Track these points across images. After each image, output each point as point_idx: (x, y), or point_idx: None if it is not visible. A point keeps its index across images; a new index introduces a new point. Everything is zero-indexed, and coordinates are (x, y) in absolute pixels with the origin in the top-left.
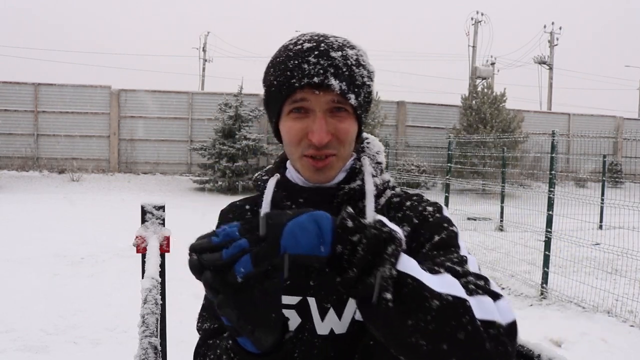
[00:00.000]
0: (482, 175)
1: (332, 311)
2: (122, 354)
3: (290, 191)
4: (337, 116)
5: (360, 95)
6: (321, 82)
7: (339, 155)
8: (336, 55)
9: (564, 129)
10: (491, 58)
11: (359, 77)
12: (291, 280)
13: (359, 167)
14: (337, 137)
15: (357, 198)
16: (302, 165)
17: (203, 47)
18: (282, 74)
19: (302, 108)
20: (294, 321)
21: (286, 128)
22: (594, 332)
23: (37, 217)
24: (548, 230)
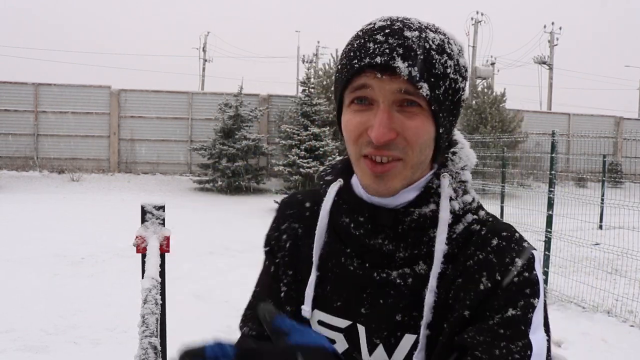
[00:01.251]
0: (482, 175)
1: (382, 348)
2: (122, 354)
3: (351, 205)
4: (407, 111)
5: (438, 87)
6: (385, 64)
7: (405, 160)
8: (411, 34)
9: (564, 128)
10: (491, 58)
11: (439, 64)
12: (342, 300)
13: (436, 187)
14: (404, 136)
15: (427, 226)
16: (360, 168)
17: (203, 47)
18: (345, 56)
19: (365, 98)
20: (340, 345)
21: (345, 122)
22: (594, 332)
23: (37, 217)
24: (548, 230)
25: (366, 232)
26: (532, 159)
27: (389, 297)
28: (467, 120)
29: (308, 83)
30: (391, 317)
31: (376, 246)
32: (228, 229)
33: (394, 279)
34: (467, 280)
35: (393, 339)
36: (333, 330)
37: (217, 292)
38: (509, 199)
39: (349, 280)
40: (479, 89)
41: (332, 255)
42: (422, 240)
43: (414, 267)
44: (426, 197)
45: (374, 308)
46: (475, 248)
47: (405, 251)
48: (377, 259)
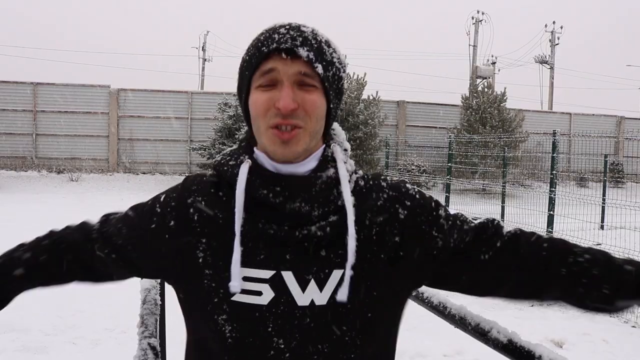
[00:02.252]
0: (482, 175)
1: (313, 282)
2: (121, 355)
3: (265, 179)
4: (305, 89)
5: (328, 70)
6: (289, 49)
7: (305, 128)
8: (306, 29)
9: (565, 128)
10: (492, 57)
11: (328, 53)
12: (264, 254)
13: (331, 154)
14: (304, 108)
15: (332, 185)
16: (268, 138)
17: (202, 47)
18: (253, 46)
19: (270, 82)
20: (266, 295)
21: (253, 100)
22: (596, 333)
23: (36, 217)
24: (549, 231)
25: (285, 198)
26: (533, 159)
27: (312, 242)
28: (468, 120)
29: None
30: (317, 253)
31: (295, 209)
32: None
33: (314, 232)
34: (388, 217)
35: (322, 274)
36: (258, 282)
37: None
38: (510, 199)
39: (270, 240)
40: (480, 88)
41: (249, 226)
42: (330, 199)
43: (328, 219)
44: (325, 163)
45: (298, 253)
46: (375, 194)
47: (319, 209)
48: (297, 220)
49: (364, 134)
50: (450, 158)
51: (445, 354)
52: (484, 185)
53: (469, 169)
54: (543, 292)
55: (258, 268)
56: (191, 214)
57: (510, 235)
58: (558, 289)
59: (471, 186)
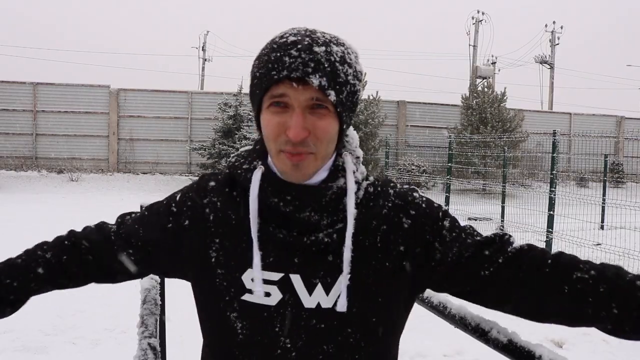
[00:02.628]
0: (482, 175)
1: (320, 286)
2: (121, 355)
3: (277, 187)
4: (317, 113)
5: (342, 92)
6: (300, 77)
7: (316, 154)
8: (319, 50)
9: (565, 128)
10: (492, 57)
11: (342, 74)
12: (273, 257)
13: (342, 164)
14: (315, 134)
15: (342, 195)
16: (280, 160)
17: (202, 47)
18: (264, 66)
19: (281, 102)
20: (275, 297)
21: (265, 121)
22: (595, 333)
23: (36, 217)
24: (549, 231)
25: (295, 207)
26: (533, 159)
27: (319, 248)
28: (468, 120)
29: None
30: (324, 258)
31: (305, 219)
32: None
33: (321, 238)
34: (392, 226)
35: (329, 278)
36: (267, 284)
37: None
38: (510, 199)
39: (280, 244)
40: (480, 88)
41: (261, 231)
42: (339, 208)
43: (335, 226)
44: (336, 173)
45: (307, 257)
46: (382, 202)
47: (327, 219)
48: (306, 228)
49: (364, 134)
50: (450, 158)
51: (445, 354)
52: (484, 185)
53: (469, 169)
54: (546, 311)
55: (267, 270)
56: (207, 213)
57: (515, 251)
58: (561, 308)
59: (471, 186)
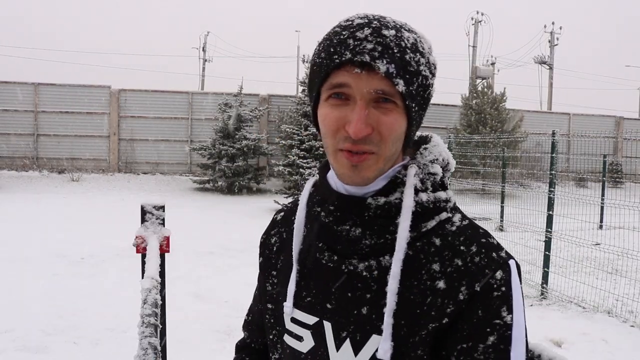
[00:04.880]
0: (482, 175)
1: (349, 343)
2: (122, 354)
3: (324, 196)
4: (382, 107)
5: (412, 83)
6: (365, 62)
7: (379, 153)
8: (388, 33)
9: (564, 128)
10: (491, 58)
11: (414, 62)
12: (311, 296)
13: (403, 177)
14: (378, 131)
15: (393, 214)
16: (337, 160)
17: (203, 47)
18: (324, 50)
19: (342, 94)
20: (307, 343)
21: (322, 116)
22: (595, 333)
23: (37, 217)
24: (548, 230)
25: (335, 219)
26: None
27: (356, 289)
28: (467, 120)
29: None
30: (358, 309)
31: (343, 232)
32: (228, 229)
33: (360, 270)
34: (447, 285)
35: (359, 335)
36: (303, 327)
37: (217, 292)
38: (509, 199)
39: (320, 273)
40: (479, 88)
41: (308, 248)
42: (387, 229)
43: (380, 258)
44: (393, 186)
45: (340, 302)
46: (452, 253)
47: (371, 238)
48: (345, 246)
49: None
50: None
51: None
52: (484, 185)
53: (469, 169)
54: None
55: (304, 312)
56: (272, 245)
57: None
58: None
59: (470, 186)
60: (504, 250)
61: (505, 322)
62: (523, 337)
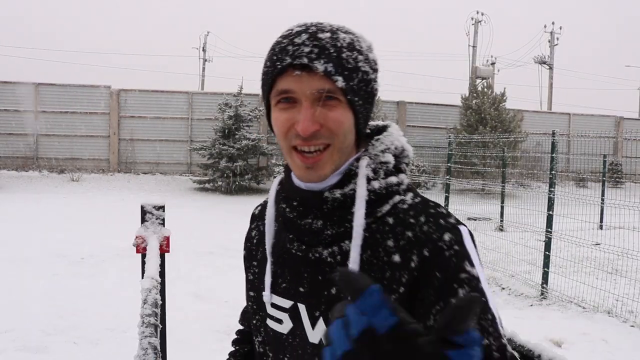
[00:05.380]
0: (482, 175)
1: (322, 321)
2: (122, 354)
3: (287, 192)
4: (328, 105)
5: (352, 79)
6: (304, 64)
7: (333, 145)
8: (324, 36)
9: (564, 128)
10: (491, 58)
11: (352, 60)
12: (286, 282)
13: (355, 169)
14: (327, 127)
15: (349, 204)
16: (293, 161)
17: (203, 47)
18: (269, 59)
19: (289, 98)
20: (286, 325)
21: (274, 120)
22: (595, 333)
23: (37, 217)
24: (548, 230)
25: (298, 214)
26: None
27: (324, 273)
28: (467, 120)
29: None
30: (327, 291)
31: (306, 226)
32: (228, 229)
33: (325, 257)
34: (401, 258)
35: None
36: (281, 311)
37: (217, 292)
38: (509, 199)
39: (292, 261)
40: (479, 88)
41: (280, 241)
42: (345, 218)
43: (341, 244)
44: (347, 178)
45: (311, 285)
46: (401, 226)
47: (332, 228)
48: (310, 237)
49: None
50: (449, 158)
51: None
52: (484, 185)
53: (469, 169)
54: None
55: (281, 296)
56: (252, 237)
57: None
58: None
59: (470, 186)
60: (454, 217)
61: (473, 275)
62: (490, 297)
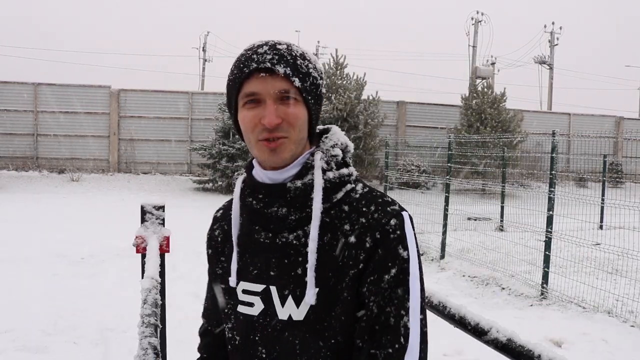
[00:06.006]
0: (482, 175)
1: (291, 299)
2: (122, 354)
3: (252, 188)
4: (286, 103)
5: (305, 81)
6: (268, 67)
7: (290, 137)
8: (281, 47)
9: (565, 128)
10: (491, 58)
11: (304, 66)
12: (257, 268)
13: (311, 162)
14: (287, 121)
15: (308, 192)
16: (258, 149)
17: (203, 47)
18: (235, 68)
19: (255, 99)
20: (257, 307)
21: (242, 118)
22: (595, 333)
23: (37, 217)
24: (548, 230)
25: (265, 204)
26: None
27: (290, 256)
28: (467, 120)
29: None
30: (294, 271)
31: (272, 214)
32: None
33: (291, 241)
34: (357, 239)
35: (298, 290)
36: (253, 295)
37: None
38: (509, 199)
39: (261, 249)
40: (479, 88)
41: (246, 233)
42: (306, 205)
43: (305, 228)
44: (305, 170)
45: (280, 268)
46: (353, 212)
47: (295, 214)
48: (276, 224)
49: (364, 134)
50: (449, 158)
51: (445, 354)
52: (484, 185)
53: (469, 169)
54: None
55: (252, 282)
56: (217, 236)
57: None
58: None
59: (470, 186)
60: (398, 204)
61: (403, 257)
62: (417, 272)
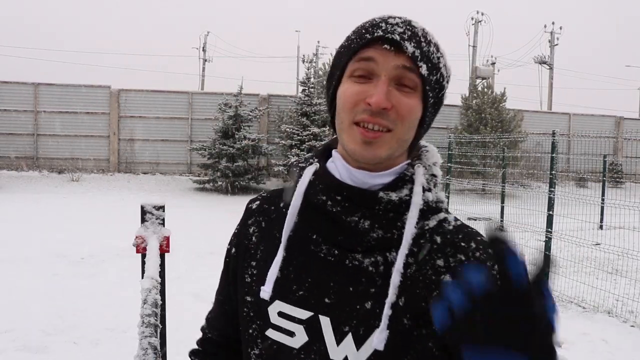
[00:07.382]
0: (482, 175)
1: (350, 337)
2: (122, 354)
3: (328, 184)
4: (403, 90)
5: (433, 73)
6: (395, 41)
7: (395, 132)
8: (418, 27)
9: (565, 128)
10: (491, 58)
11: (435, 57)
12: (304, 290)
13: (410, 175)
14: (397, 110)
15: (402, 210)
16: (350, 135)
17: (203, 47)
18: (356, 31)
19: (366, 72)
20: (299, 338)
21: (343, 90)
22: (595, 333)
23: (37, 217)
24: (548, 231)
25: (343, 209)
26: (532, 159)
27: (360, 283)
28: (467, 120)
29: (308, 83)
30: (361, 304)
31: (352, 224)
32: (228, 229)
33: (366, 265)
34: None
35: (362, 329)
36: (293, 322)
37: None
38: (509, 199)
39: (316, 267)
40: (479, 88)
41: (300, 239)
42: (395, 224)
43: (386, 253)
44: (401, 182)
45: (341, 295)
46: (453, 249)
47: (379, 231)
48: (351, 238)
49: None
50: (450, 158)
51: None
52: (484, 185)
53: (469, 169)
54: None
55: (295, 305)
56: (249, 234)
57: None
58: None
59: (471, 186)
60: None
61: None
62: None
